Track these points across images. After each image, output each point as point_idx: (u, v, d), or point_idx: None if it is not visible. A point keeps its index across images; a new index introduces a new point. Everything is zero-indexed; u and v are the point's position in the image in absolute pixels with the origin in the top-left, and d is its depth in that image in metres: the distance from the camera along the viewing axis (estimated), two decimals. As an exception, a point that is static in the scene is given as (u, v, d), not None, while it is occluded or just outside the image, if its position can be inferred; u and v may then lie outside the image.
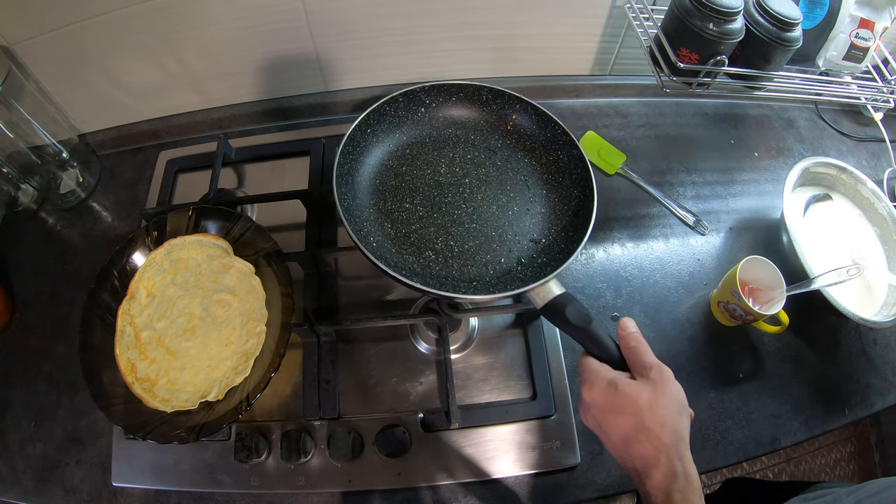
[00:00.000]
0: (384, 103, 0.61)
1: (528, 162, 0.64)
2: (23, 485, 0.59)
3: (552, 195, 0.61)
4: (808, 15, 0.68)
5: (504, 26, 0.76)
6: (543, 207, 0.60)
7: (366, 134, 0.60)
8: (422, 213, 0.58)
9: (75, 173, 0.78)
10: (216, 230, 0.64)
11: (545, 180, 0.62)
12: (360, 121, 0.59)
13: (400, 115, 0.63)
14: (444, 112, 0.65)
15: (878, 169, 0.82)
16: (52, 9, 0.64)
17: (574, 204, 0.59)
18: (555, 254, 0.56)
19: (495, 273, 0.55)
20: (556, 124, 0.62)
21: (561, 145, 0.62)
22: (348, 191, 0.57)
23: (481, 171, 0.62)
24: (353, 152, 0.59)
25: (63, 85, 0.75)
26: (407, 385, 0.61)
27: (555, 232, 0.58)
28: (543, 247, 0.57)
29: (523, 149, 0.64)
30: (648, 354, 0.43)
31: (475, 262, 0.56)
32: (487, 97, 0.65)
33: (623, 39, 0.79)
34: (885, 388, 0.65)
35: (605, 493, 0.57)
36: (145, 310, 0.60)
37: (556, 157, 0.62)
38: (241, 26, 0.71)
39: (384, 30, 0.74)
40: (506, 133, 0.65)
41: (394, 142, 0.63)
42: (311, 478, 0.56)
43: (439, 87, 0.64)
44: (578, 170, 0.60)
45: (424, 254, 0.56)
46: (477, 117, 0.66)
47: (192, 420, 0.53)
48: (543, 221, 0.59)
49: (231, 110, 0.82)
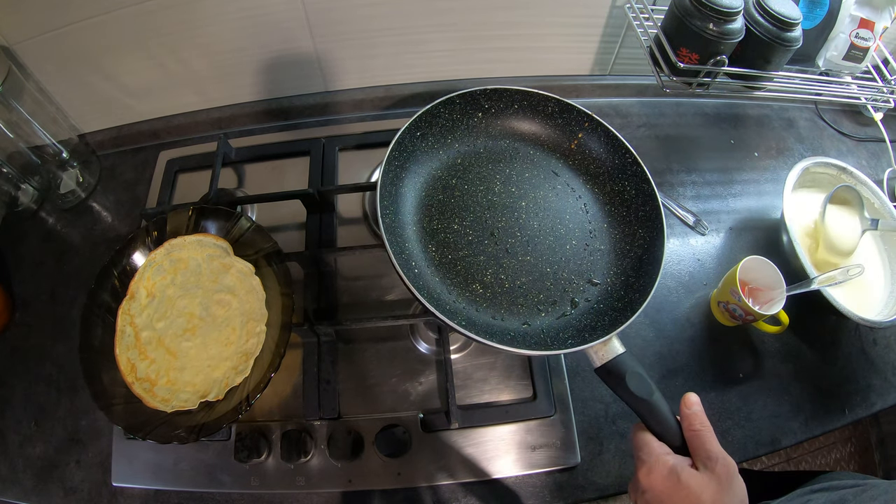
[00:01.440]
0: (438, 105, 0.55)
1: (590, 188, 0.57)
2: (23, 485, 0.59)
3: (614, 231, 0.55)
4: (808, 15, 0.68)
5: (504, 26, 0.76)
6: (603, 244, 0.54)
7: (415, 138, 0.54)
8: (471, 237, 0.52)
9: (75, 173, 0.78)
10: (216, 230, 0.64)
11: (607, 212, 0.55)
12: (411, 123, 0.53)
13: (454, 119, 0.57)
14: (503, 121, 0.59)
15: (878, 169, 0.82)
16: (52, 9, 0.64)
17: (637, 245, 0.53)
18: (613, 301, 0.49)
19: (547, 316, 0.49)
20: (626, 151, 0.55)
21: (629, 175, 0.55)
22: (391, 203, 0.50)
23: (539, 193, 0.56)
24: (399, 158, 0.52)
25: (63, 85, 0.75)
26: (407, 385, 0.61)
27: (614, 274, 0.52)
28: (601, 291, 0.51)
29: (586, 173, 0.58)
30: (714, 442, 0.39)
31: (526, 302, 0.49)
32: (553, 109, 0.58)
33: (623, 39, 0.79)
34: (885, 388, 0.65)
35: (605, 493, 0.57)
36: (145, 310, 0.60)
37: (623, 188, 0.55)
38: (241, 26, 0.71)
39: (384, 30, 0.74)
40: (568, 152, 0.58)
41: (445, 150, 0.57)
42: (311, 478, 0.56)
43: (501, 92, 0.58)
44: (647, 207, 0.53)
45: (471, 286, 0.50)
46: (539, 131, 0.59)
47: (192, 420, 0.53)
48: (603, 261, 0.53)
49: (231, 110, 0.82)
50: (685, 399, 0.41)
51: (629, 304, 0.47)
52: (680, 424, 0.41)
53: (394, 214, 0.50)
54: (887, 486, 0.46)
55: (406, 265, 0.47)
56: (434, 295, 0.47)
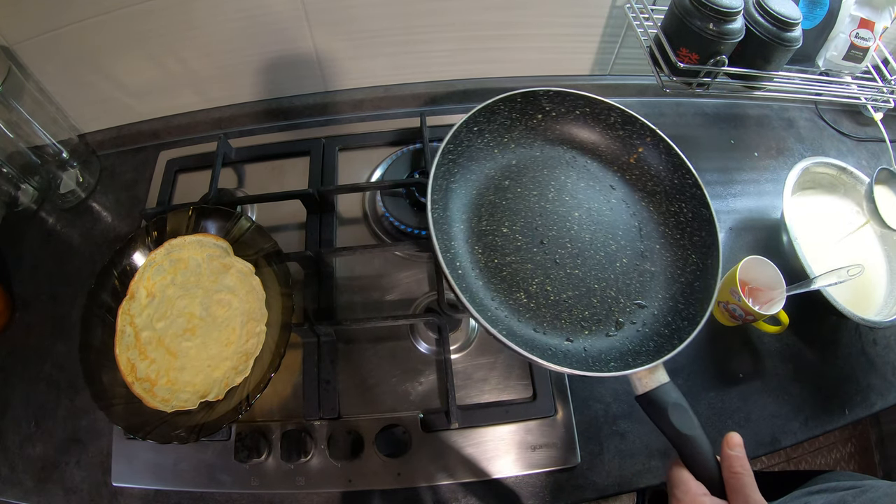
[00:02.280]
0: (499, 101, 0.53)
1: (645, 206, 0.54)
2: (23, 485, 0.59)
3: (666, 253, 0.52)
4: (808, 15, 0.68)
5: (504, 26, 0.76)
6: (654, 266, 0.51)
7: (471, 132, 0.52)
8: (520, 243, 0.50)
9: (75, 173, 0.78)
10: (216, 230, 0.64)
11: (661, 233, 0.53)
12: (469, 117, 0.51)
13: (513, 117, 0.55)
14: (562, 125, 0.56)
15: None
16: (52, 9, 0.64)
17: (689, 272, 0.50)
18: (660, 327, 0.47)
19: (590, 335, 0.46)
20: (687, 171, 0.53)
21: (688, 197, 0.52)
22: (440, 198, 0.48)
23: (593, 206, 0.53)
24: (453, 152, 0.50)
25: (63, 85, 0.75)
26: (407, 385, 0.61)
27: (662, 299, 0.49)
28: (648, 315, 0.49)
29: (643, 189, 0.55)
30: (754, 488, 0.37)
31: (570, 318, 0.47)
32: (616, 120, 0.56)
33: (623, 39, 0.79)
34: (885, 388, 0.65)
35: (605, 493, 0.57)
36: (145, 310, 0.60)
37: (679, 209, 0.53)
38: (241, 26, 0.71)
39: (384, 30, 0.74)
40: (626, 166, 0.56)
41: (500, 149, 0.54)
42: (311, 478, 0.56)
43: (564, 95, 0.55)
44: (703, 233, 0.50)
45: (515, 294, 0.47)
46: (598, 141, 0.57)
47: (192, 420, 0.53)
48: (652, 283, 0.50)
49: (231, 110, 0.82)
50: (728, 439, 0.40)
51: (676, 331, 0.45)
52: (719, 465, 0.39)
53: (442, 210, 0.48)
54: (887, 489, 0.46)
55: (451, 264, 0.45)
56: (476, 299, 0.45)
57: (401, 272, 0.68)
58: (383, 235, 0.70)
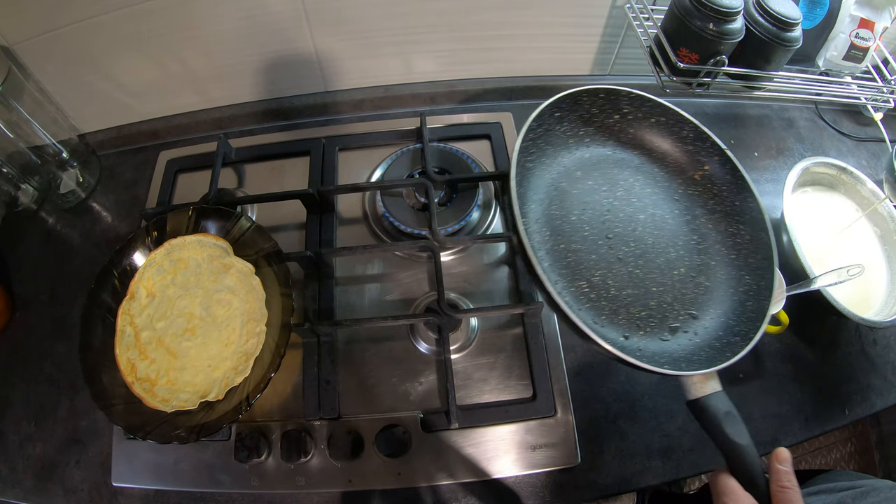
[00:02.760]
0: (583, 91, 0.53)
1: (704, 222, 0.55)
2: (23, 485, 0.59)
3: (721, 271, 0.52)
4: (808, 15, 0.68)
5: (504, 26, 0.76)
6: (709, 281, 0.51)
7: (553, 117, 0.52)
8: (587, 232, 0.50)
9: (75, 173, 0.78)
10: (216, 230, 0.64)
11: (717, 251, 0.53)
12: (554, 101, 0.51)
13: (593, 112, 0.55)
14: (636, 130, 0.57)
15: (878, 169, 0.82)
16: (52, 9, 0.64)
17: (742, 291, 0.50)
18: (711, 339, 0.48)
19: (645, 336, 0.47)
20: (751, 195, 0.53)
21: (748, 220, 0.53)
22: (518, 172, 0.48)
23: (658, 212, 0.54)
24: (535, 131, 0.50)
25: (63, 85, 0.75)
26: (407, 385, 0.61)
27: (714, 314, 0.50)
28: (701, 326, 0.49)
29: (704, 206, 0.56)
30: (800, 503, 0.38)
31: (628, 315, 0.47)
32: (688, 134, 0.56)
33: (623, 39, 0.79)
34: (885, 388, 0.65)
35: (605, 493, 0.57)
36: (145, 310, 0.60)
37: (737, 231, 0.53)
38: (240, 26, 0.71)
39: (384, 30, 0.74)
40: (691, 181, 0.56)
41: (576, 140, 0.55)
42: (311, 478, 0.56)
43: (644, 101, 0.56)
44: (759, 256, 0.51)
45: (578, 282, 0.48)
46: (668, 151, 0.57)
47: (192, 420, 0.53)
48: (706, 297, 0.50)
49: (231, 110, 0.82)
50: (778, 454, 0.40)
51: (728, 345, 0.46)
52: (766, 478, 0.40)
53: (517, 186, 0.47)
54: (888, 492, 0.46)
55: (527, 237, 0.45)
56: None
57: (401, 272, 0.68)
58: (383, 235, 0.70)
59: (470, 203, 0.70)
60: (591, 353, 0.63)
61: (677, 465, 0.57)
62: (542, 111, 0.50)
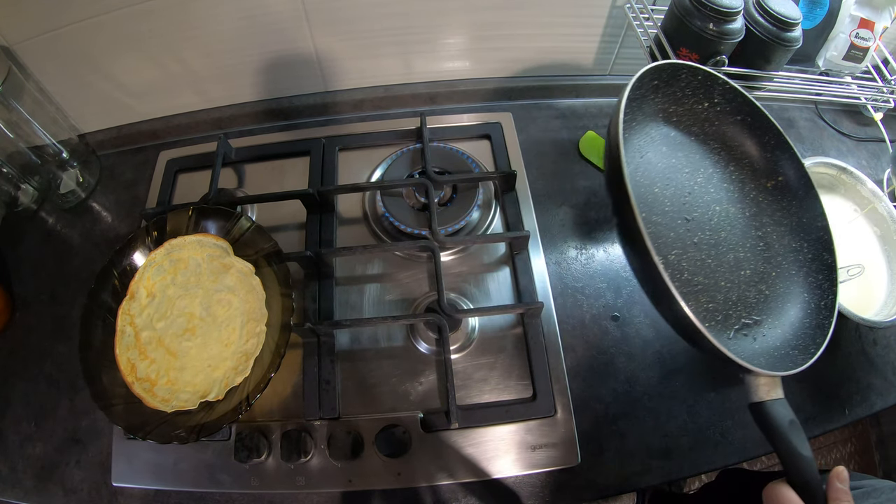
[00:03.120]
0: (683, 66, 0.52)
1: (770, 231, 0.54)
2: (23, 485, 0.59)
3: (780, 283, 0.51)
4: (808, 15, 0.68)
5: (504, 26, 0.76)
6: (769, 290, 0.50)
7: (651, 85, 0.51)
8: (667, 208, 0.49)
9: (75, 173, 0.78)
10: (216, 230, 0.64)
11: (778, 263, 0.52)
12: (653, 67, 0.50)
13: (686, 93, 0.54)
14: (721, 123, 0.56)
15: (878, 169, 0.82)
16: (52, 9, 0.64)
17: (799, 307, 0.50)
18: (769, 348, 0.47)
19: (710, 329, 0.45)
20: (820, 214, 0.52)
21: (813, 239, 0.52)
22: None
23: (731, 209, 0.53)
24: (639, 89, 0.50)
25: (63, 85, 0.75)
26: (407, 385, 0.61)
27: (773, 325, 0.49)
28: (760, 333, 0.48)
29: (772, 216, 0.55)
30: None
31: (696, 302, 0.47)
32: (770, 141, 0.55)
33: (623, 39, 0.79)
34: (885, 388, 0.65)
35: (605, 493, 0.57)
36: (145, 310, 0.60)
37: (800, 248, 0.52)
38: (241, 26, 0.71)
39: (384, 30, 0.74)
40: (763, 189, 0.55)
41: (665, 116, 0.54)
42: (311, 478, 0.56)
43: (737, 95, 0.54)
44: (820, 276, 0.50)
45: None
46: (749, 153, 0.56)
47: (192, 420, 0.53)
48: (767, 305, 0.50)
49: (231, 110, 0.82)
50: (838, 472, 0.40)
51: (787, 357, 0.45)
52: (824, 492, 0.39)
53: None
54: (890, 492, 0.46)
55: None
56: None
57: (401, 272, 0.68)
58: (383, 235, 0.70)
59: (470, 203, 0.70)
60: (592, 354, 0.63)
61: (677, 465, 0.57)
62: (643, 74, 0.49)
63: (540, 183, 0.75)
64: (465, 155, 0.74)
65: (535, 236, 0.70)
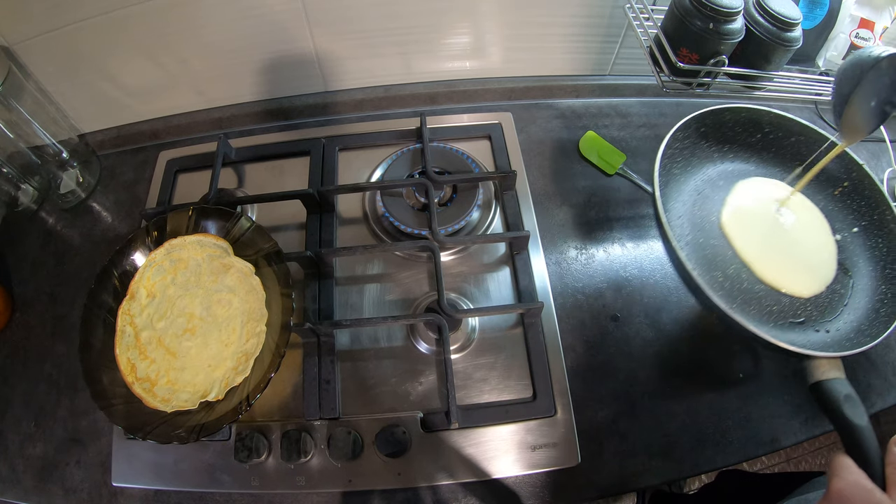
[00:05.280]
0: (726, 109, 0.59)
1: (845, 234, 0.59)
2: (23, 485, 0.59)
3: (858, 281, 0.56)
4: (808, 15, 0.68)
5: (504, 26, 0.76)
6: (844, 289, 0.56)
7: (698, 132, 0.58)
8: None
9: (75, 173, 0.78)
10: (216, 230, 0.64)
11: (853, 263, 0.57)
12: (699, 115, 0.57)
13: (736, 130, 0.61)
14: (777, 148, 0.61)
15: (878, 169, 0.82)
16: (52, 9, 0.64)
17: (877, 300, 0.53)
18: (841, 339, 0.51)
19: (774, 326, 0.51)
20: (888, 208, 0.56)
21: (885, 233, 0.56)
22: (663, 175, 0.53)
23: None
24: (681, 140, 0.57)
25: (63, 85, 0.75)
26: (407, 385, 0.61)
27: (848, 320, 0.53)
28: (834, 328, 0.53)
29: (843, 220, 0.60)
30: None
31: (759, 307, 0.52)
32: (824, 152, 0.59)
33: (623, 39, 0.79)
34: (885, 388, 0.65)
35: (606, 493, 0.57)
36: (145, 310, 0.60)
37: (875, 244, 0.57)
38: (241, 26, 0.71)
39: (384, 30, 0.74)
40: (831, 198, 0.61)
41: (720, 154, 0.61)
42: (311, 478, 0.56)
43: (784, 120, 0.60)
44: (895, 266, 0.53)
45: (713, 272, 0.53)
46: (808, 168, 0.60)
47: (192, 420, 0.53)
48: (840, 304, 0.55)
49: (231, 110, 0.82)
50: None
51: (857, 343, 0.48)
52: (882, 459, 0.41)
53: (663, 186, 0.52)
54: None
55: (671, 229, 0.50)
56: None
57: (401, 272, 0.68)
58: (383, 235, 0.70)
59: (470, 203, 0.70)
60: (592, 354, 0.63)
61: (677, 465, 0.57)
62: (688, 122, 0.56)
63: (540, 183, 0.75)
64: (465, 155, 0.74)
65: (535, 236, 0.70)
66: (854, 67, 0.47)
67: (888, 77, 0.46)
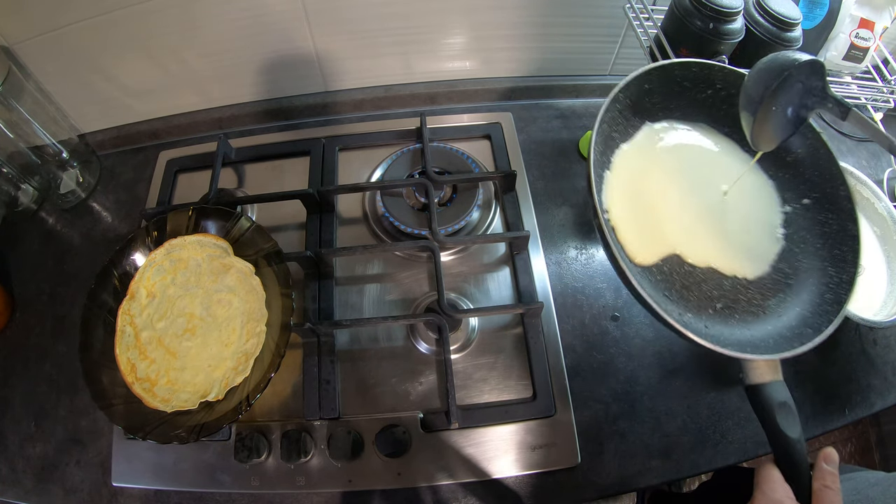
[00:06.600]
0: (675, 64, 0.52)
1: (792, 208, 0.53)
2: (23, 485, 0.59)
3: (804, 259, 0.51)
4: (808, 15, 0.68)
5: (504, 26, 0.76)
6: (790, 268, 0.51)
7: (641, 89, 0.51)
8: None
9: (75, 173, 0.78)
10: (216, 230, 0.64)
11: (801, 237, 0.52)
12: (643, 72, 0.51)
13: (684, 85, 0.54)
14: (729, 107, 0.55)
15: (878, 169, 0.82)
16: (52, 9, 0.64)
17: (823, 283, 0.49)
18: (782, 328, 0.47)
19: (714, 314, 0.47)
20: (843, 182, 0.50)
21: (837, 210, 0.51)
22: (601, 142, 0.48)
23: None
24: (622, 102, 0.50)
25: (63, 85, 0.75)
26: (407, 385, 0.61)
27: (791, 304, 0.49)
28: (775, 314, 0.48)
29: (794, 190, 0.54)
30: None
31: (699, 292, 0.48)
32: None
33: (623, 39, 0.79)
34: (885, 388, 0.65)
35: (605, 493, 0.57)
36: (145, 310, 0.60)
37: (826, 220, 0.52)
38: (241, 26, 0.71)
39: (384, 30, 0.74)
40: (783, 164, 0.55)
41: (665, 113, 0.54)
42: (311, 478, 0.56)
43: (738, 76, 0.52)
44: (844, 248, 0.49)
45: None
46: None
47: (192, 420, 0.53)
48: (784, 284, 0.50)
49: (231, 110, 0.82)
50: (827, 454, 0.40)
51: (798, 336, 0.45)
52: (810, 476, 0.39)
53: (600, 153, 0.48)
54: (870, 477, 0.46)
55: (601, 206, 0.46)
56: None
57: (401, 272, 0.68)
58: (383, 235, 0.70)
59: (470, 203, 0.70)
60: (592, 353, 0.63)
61: (677, 465, 0.57)
62: (630, 81, 0.49)
63: (540, 183, 0.75)
64: (465, 155, 0.74)
65: (535, 236, 0.70)
66: (769, 71, 0.45)
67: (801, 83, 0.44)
